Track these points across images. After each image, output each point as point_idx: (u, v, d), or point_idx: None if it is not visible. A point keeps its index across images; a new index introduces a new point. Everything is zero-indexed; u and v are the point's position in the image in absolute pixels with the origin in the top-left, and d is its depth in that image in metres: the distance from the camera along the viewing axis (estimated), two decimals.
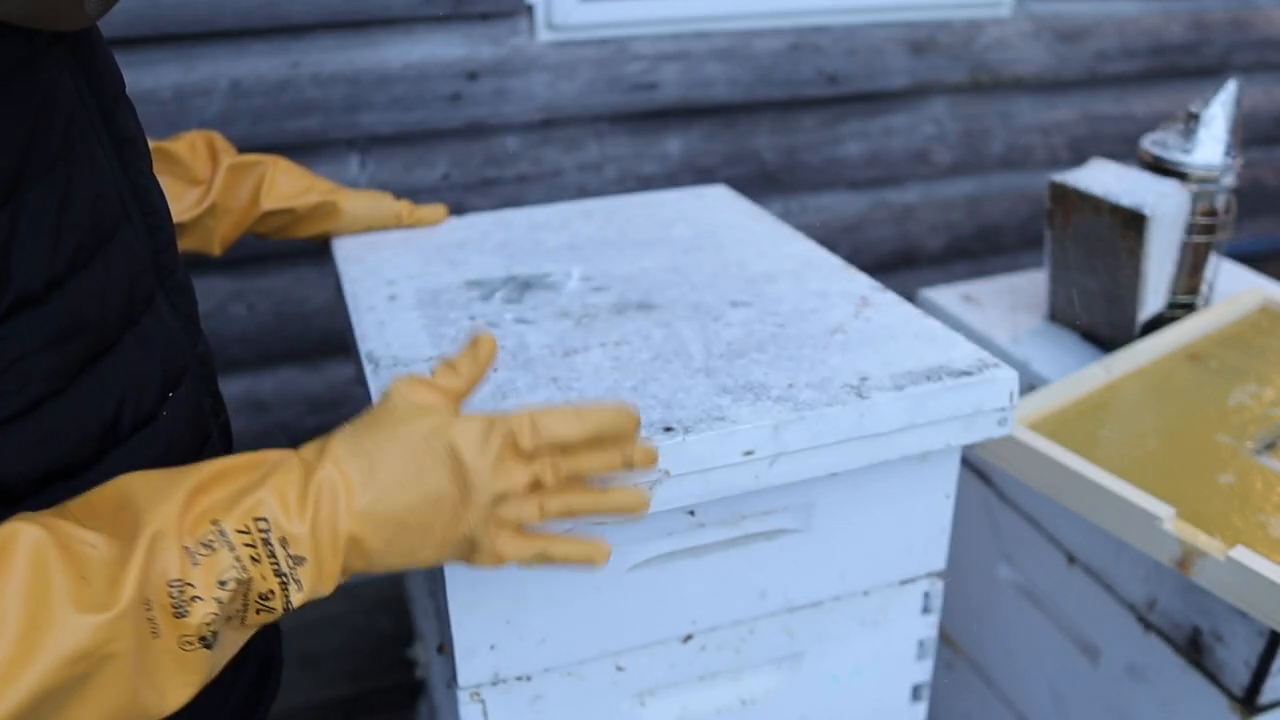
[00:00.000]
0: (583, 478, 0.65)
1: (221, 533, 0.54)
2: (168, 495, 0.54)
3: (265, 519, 0.55)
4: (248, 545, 0.54)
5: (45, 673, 0.48)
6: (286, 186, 1.06)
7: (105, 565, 0.51)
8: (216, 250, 1.05)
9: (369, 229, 1.13)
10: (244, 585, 0.55)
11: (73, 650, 0.49)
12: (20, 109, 0.54)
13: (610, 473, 0.66)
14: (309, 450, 0.60)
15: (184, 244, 1.03)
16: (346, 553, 0.58)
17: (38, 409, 0.56)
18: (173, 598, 0.52)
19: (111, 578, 0.51)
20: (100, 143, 0.63)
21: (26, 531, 0.50)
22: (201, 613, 0.53)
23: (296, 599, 0.57)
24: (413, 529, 0.60)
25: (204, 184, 1.01)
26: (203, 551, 0.53)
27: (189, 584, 0.53)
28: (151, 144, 0.97)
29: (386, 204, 1.13)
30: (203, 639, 0.54)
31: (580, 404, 0.66)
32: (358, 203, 1.11)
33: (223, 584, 0.53)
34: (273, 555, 0.55)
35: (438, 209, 1.16)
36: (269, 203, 1.04)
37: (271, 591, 0.56)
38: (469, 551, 0.63)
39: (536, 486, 0.63)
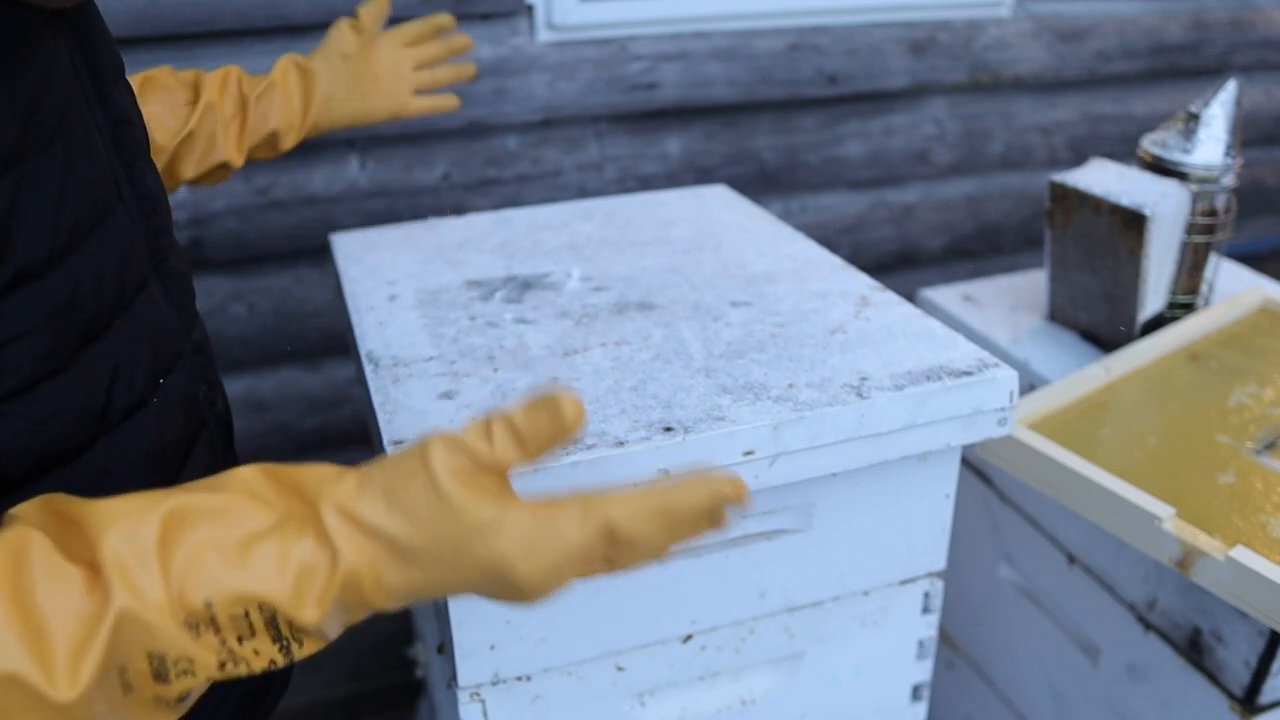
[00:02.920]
0: None
1: (212, 619, 0.48)
2: (144, 562, 0.47)
3: (269, 604, 0.49)
4: (239, 637, 0.49)
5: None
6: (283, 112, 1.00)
7: (72, 631, 0.46)
8: (238, 160, 0.98)
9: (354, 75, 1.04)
10: (236, 662, 0.50)
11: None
12: (19, 81, 0.54)
13: None
14: (333, 519, 0.50)
15: (206, 161, 0.96)
16: (356, 618, 0.53)
17: (33, 390, 0.56)
18: (152, 666, 0.48)
19: (75, 654, 0.46)
20: (96, 122, 0.63)
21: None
22: (184, 684, 0.49)
23: (298, 655, 0.52)
24: (428, 598, 0.54)
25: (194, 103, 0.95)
26: (190, 633, 0.48)
27: (189, 658, 0.48)
28: (183, 73, 0.94)
29: (344, 35, 1.03)
30: (180, 698, 0.50)
31: (671, 494, 0.51)
32: (325, 62, 1.03)
33: (221, 665, 0.49)
34: (273, 628, 0.50)
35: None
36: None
37: (273, 661, 0.51)
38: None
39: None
